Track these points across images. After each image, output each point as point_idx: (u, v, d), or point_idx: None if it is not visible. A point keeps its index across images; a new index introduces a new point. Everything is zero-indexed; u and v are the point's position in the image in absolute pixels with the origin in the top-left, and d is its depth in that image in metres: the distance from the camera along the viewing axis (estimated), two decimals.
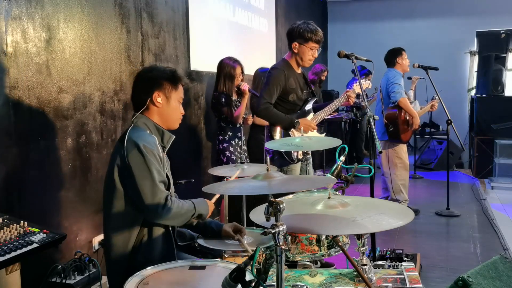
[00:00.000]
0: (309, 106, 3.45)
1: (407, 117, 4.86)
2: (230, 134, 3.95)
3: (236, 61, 3.99)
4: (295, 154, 3.32)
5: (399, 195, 4.92)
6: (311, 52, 3.30)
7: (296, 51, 3.32)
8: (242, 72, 4.03)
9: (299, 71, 3.42)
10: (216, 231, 2.28)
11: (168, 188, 2.08)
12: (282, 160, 3.28)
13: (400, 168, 4.94)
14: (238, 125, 4.01)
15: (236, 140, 3.94)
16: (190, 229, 2.34)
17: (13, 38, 2.41)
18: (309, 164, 3.54)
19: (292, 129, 3.34)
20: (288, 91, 3.34)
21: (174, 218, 2.00)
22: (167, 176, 2.08)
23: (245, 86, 3.91)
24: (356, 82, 3.61)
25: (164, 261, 1.85)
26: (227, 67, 3.96)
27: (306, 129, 3.33)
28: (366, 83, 3.54)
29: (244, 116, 4.03)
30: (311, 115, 3.49)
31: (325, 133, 3.69)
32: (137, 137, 2.00)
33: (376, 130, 5.11)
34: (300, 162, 3.44)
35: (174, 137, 2.18)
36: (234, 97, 3.98)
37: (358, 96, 7.41)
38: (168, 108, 2.14)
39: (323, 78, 6.79)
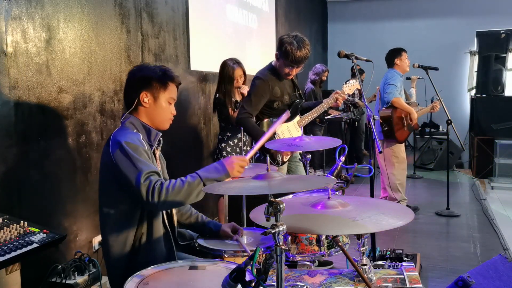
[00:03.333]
0: (295, 110, 3.46)
1: (403, 117, 4.86)
2: (229, 134, 3.94)
3: (237, 63, 3.98)
4: (279, 157, 3.33)
5: (396, 194, 4.93)
6: (287, 69, 3.26)
7: (276, 61, 3.32)
8: (244, 74, 4.02)
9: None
10: (214, 231, 2.28)
11: None
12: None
13: (397, 167, 4.94)
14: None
15: (235, 140, 3.93)
16: (189, 229, 2.34)
17: (13, 38, 2.41)
18: (299, 166, 3.54)
19: (278, 134, 3.36)
20: (273, 99, 3.34)
21: (174, 196, 1.87)
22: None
23: (245, 90, 3.90)
24: (347, 83, 3.62)
25: (165, 261, 1.85)
26: (228, 68, 3.95)
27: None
28: (355, 84, 3.54)
29: None
30: (297, 118, 3.49)
31: (312, 135, 3.69)
32: (120, 136, 1.98)
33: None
34: (286, 164, 3.45)
35: (161, 134, 2.12)
36: (237, 98, 3.97)
37: (352, 96, 7.43)
38: (156, 108, 2.09)
39: (324, 78, 6.79)
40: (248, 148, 4.14)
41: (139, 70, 2.14)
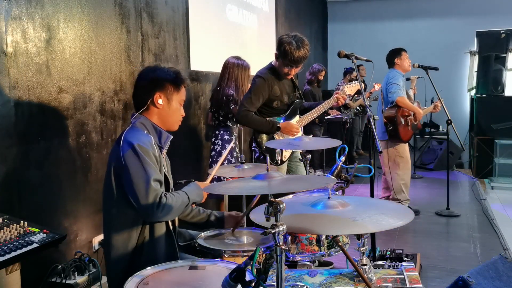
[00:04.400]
0: (294, 110, 3.46)
1: (406, 116, 4.86)
2: (236, 134, 3.95)
3: (245, 61, 3.99)
4: (279, 156, 3.33)
5: (400, 194, 4.92)
6: (286, 69, 3.27)
7: (276, 60, 3.32)
8: None
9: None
10: (218, 217, 2.35)
11: (166, 188, 2.08)
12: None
13: (402, 168, 4.93)
14: (238, 125, 4.00)
15: (237, 140, 3.95)
16: (195, 224, 2.35)
17: (13, 38, 2.41)
18: (299, 166, 3.54)
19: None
20: (272, 99, 3.35)
21: (170, 214, 1.99)
22: (165, 176, 2.08)
23: None
24: (346, 84, 3.62)
25: (167, 261, 1.85)
26: (239, 66, 3.93)
27: (288, 133, 3.34)
28: (356, 85, 3.54)
29: None
30: (297, 118, 3.49)
31: (312, 135, 3.69)
32: (132, 137, 1.99)
33: (376, 130, 5.12)
34: (285, 164, 3.45)
35: (172, 137, 2.16)
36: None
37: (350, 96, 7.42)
38: (169, 110, 2.12)
39: (320, 78, 6.77)
40: (241, 148, 4.15)
41: (152, 71, 2.15)
